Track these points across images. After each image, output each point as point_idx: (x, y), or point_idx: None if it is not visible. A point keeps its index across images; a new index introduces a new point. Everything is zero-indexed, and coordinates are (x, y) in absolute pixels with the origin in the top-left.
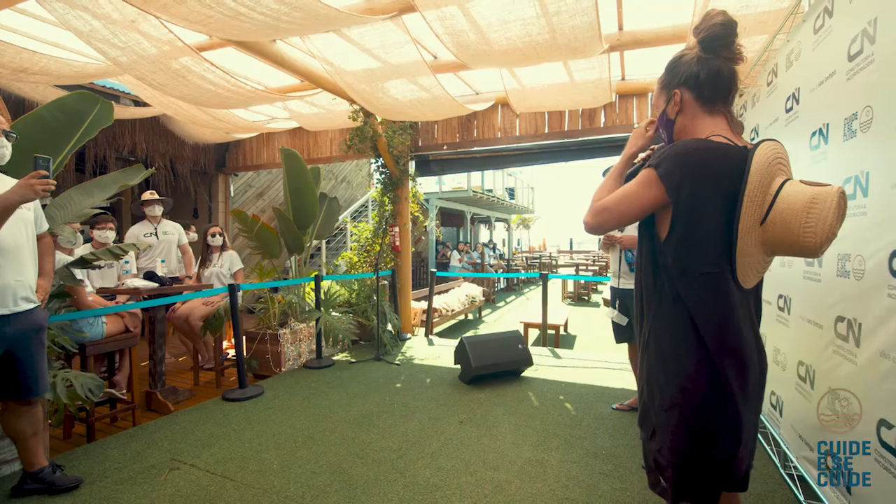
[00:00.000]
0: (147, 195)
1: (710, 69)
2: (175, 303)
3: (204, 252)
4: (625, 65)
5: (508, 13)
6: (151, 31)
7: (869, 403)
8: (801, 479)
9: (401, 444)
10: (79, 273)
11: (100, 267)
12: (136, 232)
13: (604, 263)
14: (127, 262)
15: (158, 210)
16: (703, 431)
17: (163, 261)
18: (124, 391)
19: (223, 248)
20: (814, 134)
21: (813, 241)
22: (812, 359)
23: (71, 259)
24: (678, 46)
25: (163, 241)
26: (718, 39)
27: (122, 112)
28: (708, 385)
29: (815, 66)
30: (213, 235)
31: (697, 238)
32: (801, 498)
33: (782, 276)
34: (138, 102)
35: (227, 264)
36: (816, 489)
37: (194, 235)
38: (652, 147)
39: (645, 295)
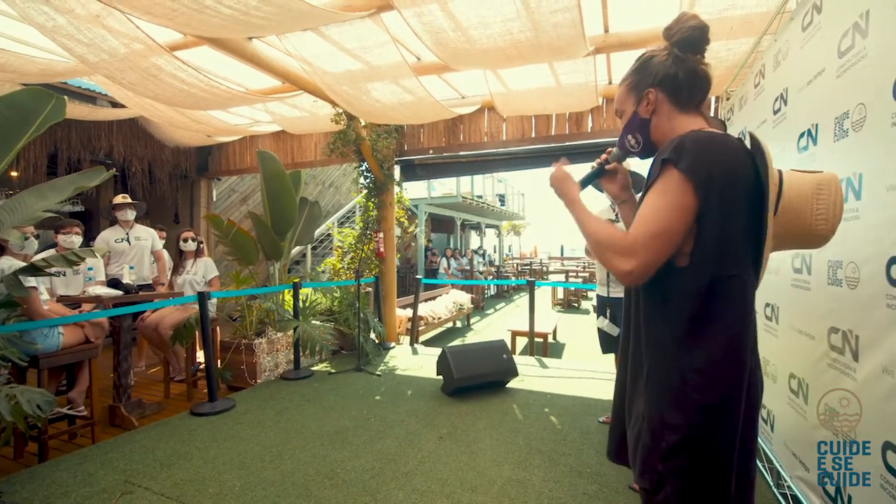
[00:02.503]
0: (119, 199)
1: (689, 69)
2: (144, 311)
3: (177, 258)
4: (611, 68)
5: (487, 9)
6: (117, 26)
7: (871, 424)
8: (795, 498)
9: (374, 463)
10: (32, 280)
11: (54, 274)
12: (106, 237)
13: (594, 270)
14: (91, 269)
15: (130, 214)
16: (720, 469)
17: (131, 267)
18: (81, 408)
19: (197, 254)
20: (802, 135)
21: (825, 227)
22: (805, 372)
23: (22, 265)
24: None
25: (135, 247)
26: (693, 42)
27: (98, 113)
28: (724, 415)
29: (804, 64)
30: (186, 241)
31: (727, 239)
32: None
33: (769, 283)
34: (115, 104)
35: (201, 271)
36: None
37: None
38: (606, 153)
39: (645, 318)
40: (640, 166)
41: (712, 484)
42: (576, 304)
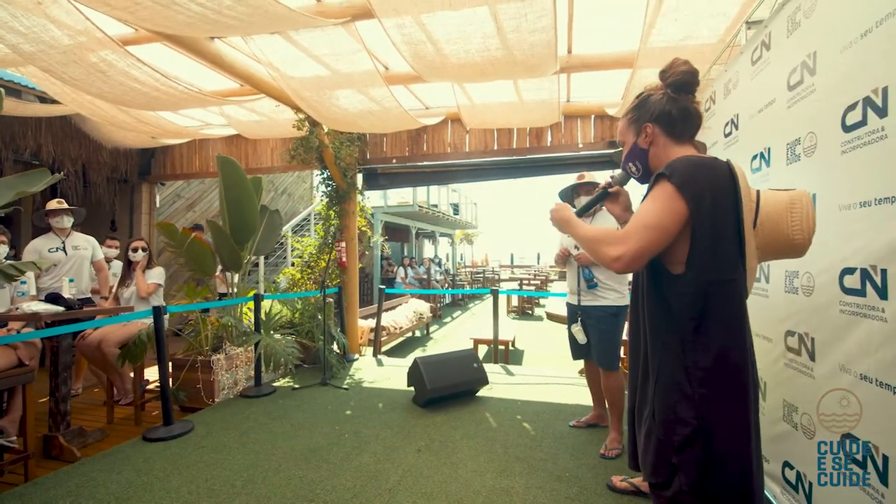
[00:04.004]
0: (54, 204)
1: (681, 107)
2: (85, 328)
3: (125, 269)
4: (571, 87)
5: (469, 25)
6: (63, 16)
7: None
8: None
9: (355, 481)
10: None
11: None
12: (38, 246)
13: (544, 277)
14: (23, 283)
15: (67, 222)
16: (728, 458)
17: (71, 280)
18: (13, 437)
19: (148, 264)
20: (755, 157)
21: (801, 237)
22: (763, 371)
23: None
24: (622, 71)
25: (72, 257)
26: (686, 84)
27: (25, 109)
28: (731, 406)
29: (754, 94)
30: (136, 250)
31: (719, 247)
32: None
33: None
34: (45, 99)
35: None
36: (774, 501)
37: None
38: (610, 177)
39: (651, 325)
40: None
41: (727, 473)
42: (529, 312)
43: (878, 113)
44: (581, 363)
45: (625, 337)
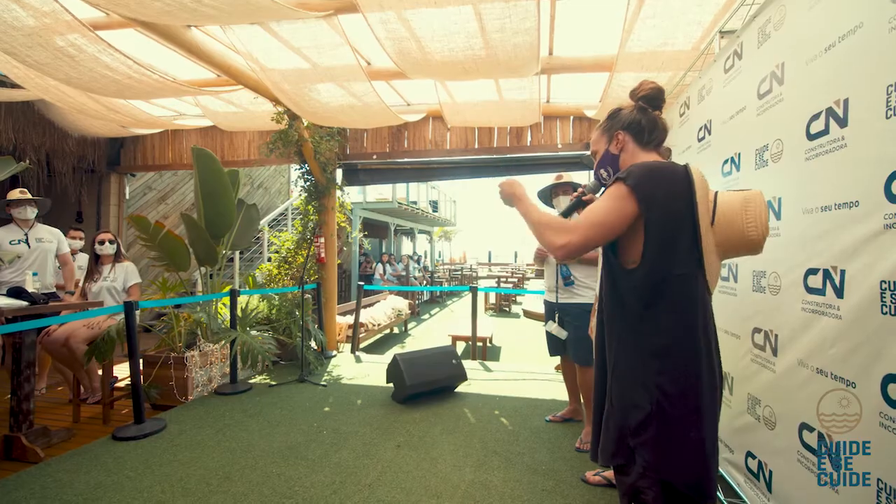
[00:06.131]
0: (16, 193)
1: (649, 118)
2: (49, 325)
3: (92, 263)
4: (550, 88)
5: (453, 24)
6: None
7: (788, 408)
8: (720, 477)
9: (334, 478)
10: None
11: None
12: None
13: (521, 275)
14: None
15: (31, 213)
16: (682, 441)
17: (35, 273)
18: None
19: (117, 258)
20: (725, 161)
21: (755, 232)
22: (730, 367)
23: None
24: (600, 74)
25: (36, 250)
26: (654, 99)
27: None
28: (683, 392)
29: (726, 101)
30: (103, 243)
31: (671, 243)
32: (723, 497)
33: None
34: (4, 83)
35: (121, 277)
36: (737, 489)
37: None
38: (582, 187)
39: (608, 319)
40: None
41: (682, 456)
42: (507, 309)
43: (839, 123)
44: (557, 359)
45: None
